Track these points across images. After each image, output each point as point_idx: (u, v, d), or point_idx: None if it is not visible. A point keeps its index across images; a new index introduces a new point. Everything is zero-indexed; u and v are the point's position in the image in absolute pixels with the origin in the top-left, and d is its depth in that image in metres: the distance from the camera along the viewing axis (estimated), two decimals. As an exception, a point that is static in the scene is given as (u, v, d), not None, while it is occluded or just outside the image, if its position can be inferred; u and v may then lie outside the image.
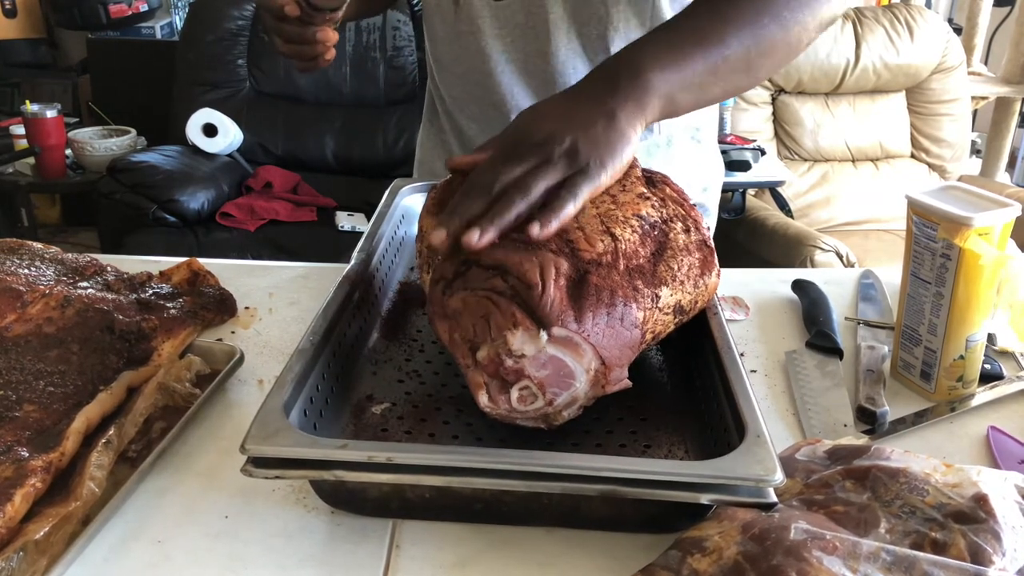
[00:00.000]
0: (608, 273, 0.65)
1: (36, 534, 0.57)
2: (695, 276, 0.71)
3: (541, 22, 0.96)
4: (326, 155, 3.12)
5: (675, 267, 0.69)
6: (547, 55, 0.98)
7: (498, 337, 0.62)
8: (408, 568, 0.60)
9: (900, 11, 2.94)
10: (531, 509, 0.62)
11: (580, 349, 0.63)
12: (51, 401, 0.69)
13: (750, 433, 0.58)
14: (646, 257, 0.68)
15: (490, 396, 0.64)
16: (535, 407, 0.64)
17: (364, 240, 0.87)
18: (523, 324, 0.62)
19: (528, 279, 0.62)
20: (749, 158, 2.59)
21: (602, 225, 0.68)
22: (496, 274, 0.64)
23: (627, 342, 0.65)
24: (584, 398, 0.65)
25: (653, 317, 0.67)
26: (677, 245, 0.71)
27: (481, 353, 0.63)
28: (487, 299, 0.63)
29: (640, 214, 0.71)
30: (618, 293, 0.64)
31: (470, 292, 0.64)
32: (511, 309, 0.62)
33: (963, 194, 0.79)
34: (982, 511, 0.55)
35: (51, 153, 3.01)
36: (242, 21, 3.16)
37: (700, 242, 0.73)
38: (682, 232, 0.72)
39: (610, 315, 0.64)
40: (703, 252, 0.73)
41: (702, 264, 0.72)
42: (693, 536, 0.56)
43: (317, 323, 0.70)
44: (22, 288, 0.82)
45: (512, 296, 0.63)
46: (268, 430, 0.57)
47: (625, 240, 0.68)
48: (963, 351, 0.79)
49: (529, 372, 0.62)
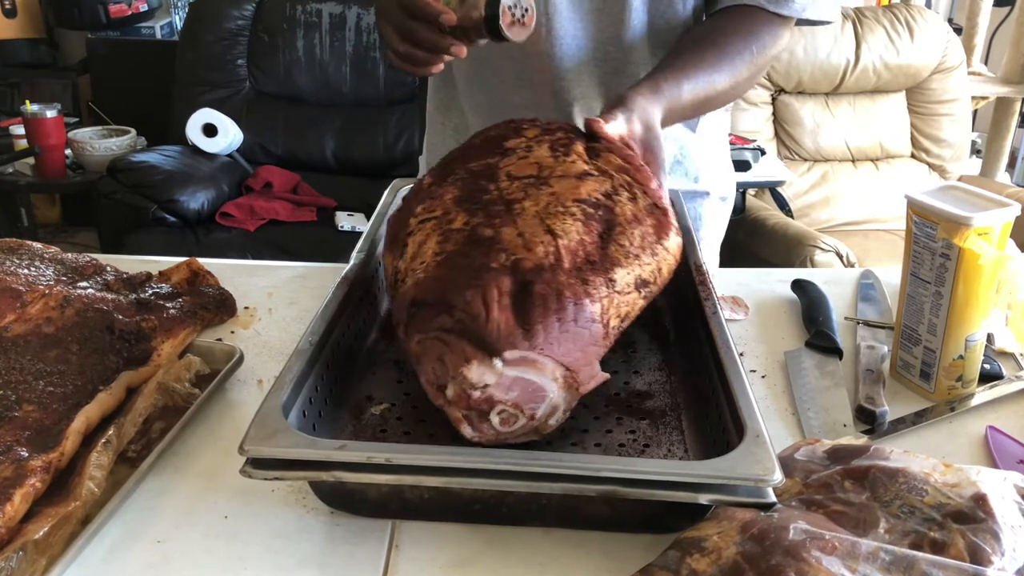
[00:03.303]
0: (552, 276, 0.64)
1: (35, 534, 0.57)
2: (651, 244, 0.70)
3: (618, 7, 0.97)
4: (326, 155, 3.12)
5: (626, 243, 0.68)
6: (619, 41, 0.98)
7: (456, 375, 0.62)
8: (407, 568, 0.60)
9: (900, 11, 2.94)
10: (530, 510, 0.62)
11: (538, 364, 0.62)
12: (50, 401, 0.69)
13: (749, 433, 0.58)
14: (593, 243, 0.67)
15: (473, 427, 0.64)
16: (519, 425, 0.64)
17: (363, 240, 0.87)
18: (475, 357, 0.61)
19: (471, 310, 0.62)
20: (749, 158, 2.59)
21: (542, 224, 0.67)
22: (442, 310, 0.63)
23: (588, 340, 0.64)
24: (564, 403, 0.64)
25: (613, 303, 0.66)
26: (625, 218, 0.70)
27: (449, 392, 0.63)
28: (438, 339, 0.63)
29: (581, 198, 0.69)
30: (566, 294, 0.63)
31: (423, 335, 0.65)
32: (460, 345, 0.62)
33: (963, 194, 0.79)
34: (981, 511, 0.55)
35: (51, 153, 3.00)
36: (242, 21, 3.16)
37: (650, 207, 0.71)
38: (629, 202, 0.71)
39: (561, 320, 0.63)
40: (655, 216, 0.71)
41: (656, 229, 0.71)
42: (692, 536, 0.56)
43: (316, 324, 0.70)
44: (22, 288, 0.82)
45: (460, 331, 0.62)
46: (267, 431, 0.57)
47: (567, 235, 0.66)
48: (962, 351, 0.79)
49: (499, 397, 0.62)
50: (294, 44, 3.14)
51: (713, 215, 1.16)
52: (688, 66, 0.88)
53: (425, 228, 0.72)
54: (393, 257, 0.73)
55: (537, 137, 0.79)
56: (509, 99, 1.04)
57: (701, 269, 0.80)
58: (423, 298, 0.65)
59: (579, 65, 1.00)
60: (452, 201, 0.73)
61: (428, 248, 0.69)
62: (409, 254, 0.71)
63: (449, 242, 0.69)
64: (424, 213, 0.74)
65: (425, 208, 0.74)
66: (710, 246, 1.18)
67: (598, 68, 1.00)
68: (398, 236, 0.74)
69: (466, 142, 0.84)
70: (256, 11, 3.17)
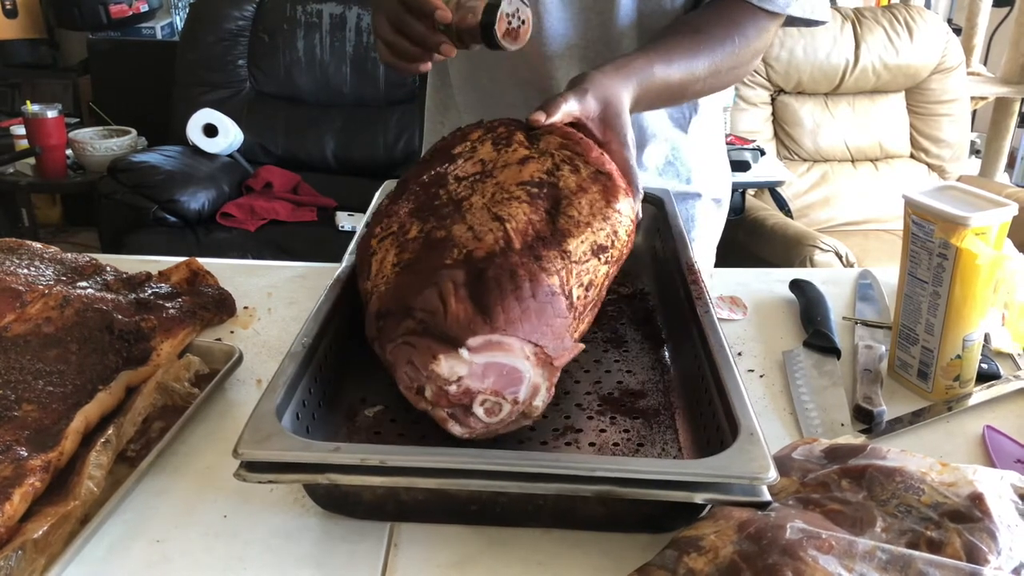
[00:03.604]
0: (504, 260, 0.65)
1: (35, 533, 0.57)
2: (600, 209, 0.70)
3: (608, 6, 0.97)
4: (326, 155, 3.13)
5: (575, 213, 0.69)
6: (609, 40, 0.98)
7: (429, 373, 0.63)
8: (406, 568, 0.60)
9: (900, 11, 2.94)
10: (526, 510, 0.62)
11: (504, 344, 0.62)
12: (50, 401, 0.70)
13: (743, 431, 0.58)
14: (541, 220, 0.68)
15: (460, 423, 0.64)
16: (505, 412, 0.64)
17: (355, 242, 0.87)
18: (441, 351, 0.62)
19: (429, 306, 0.63)
20: (749, 158, 2.59)
21: (490, 214, 0.69)
22: (405, 315, 0.65)
23: (551, 313, 0.65)
24: (544, 381, 0.65)
25: (572, 273, 0.67)
26: (570, 190, 0.70)
27: (427, 392, 0.64)
28: (405, 344, 0.64)
29: (524, 181, 0.71)
30: (520, 273, 0.64)
31: (392, 343, 0.65)
32: (426, 343, 0.63)
33: (960, 194, 0.80)
34: (978, 510, 0.55)
35: (52, 153, 3.01)
36: (242, 21, 3.16)
37: (593, 174, 0.72)
38: (571, 174, 0.72)
39: (519, 298, 0.63)
40: (600, 181, 0.72)
41: (604, 193, 0.71)
42: (689, 535, 0.56)
43: (309, 326, 0.71)
44: (21, 288, 0.82)
45: (424, 331, 0.63)
46: (261, 434, 0.58)
47: (514, 218, 0.68)
48: (960, 351, 0.79)
49: (476, 387, 0.63)
50: (294, 44, 3.14)
51: (706, 217, 1.17)
52: (663, 48, 0.88)
53: (384, 245, 0.73)
54: (362, 280, 0.75)
55: (480, 137, 0.80)
56: (502, 98, 1.05)
57: (693, 268, 0.81)
58: (386, 308, 0.67)
59: (569, 63, 1.00)
60: (406, 214, 0.75)
61: (387, 262, 0.71)
62: (373, 272, 0.72)
63: (406, 251, 0.70)
64: (382, 232, 0.75)
65: (382, 227, 0.76)
66: (704, 247, 1.18)
67: (589, 66, 1.00)
68: (363, 259, 0.76)
69: (420, 158, 0.86)
70: (256, 11, 3.18)
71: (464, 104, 1.10)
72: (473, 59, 1.06)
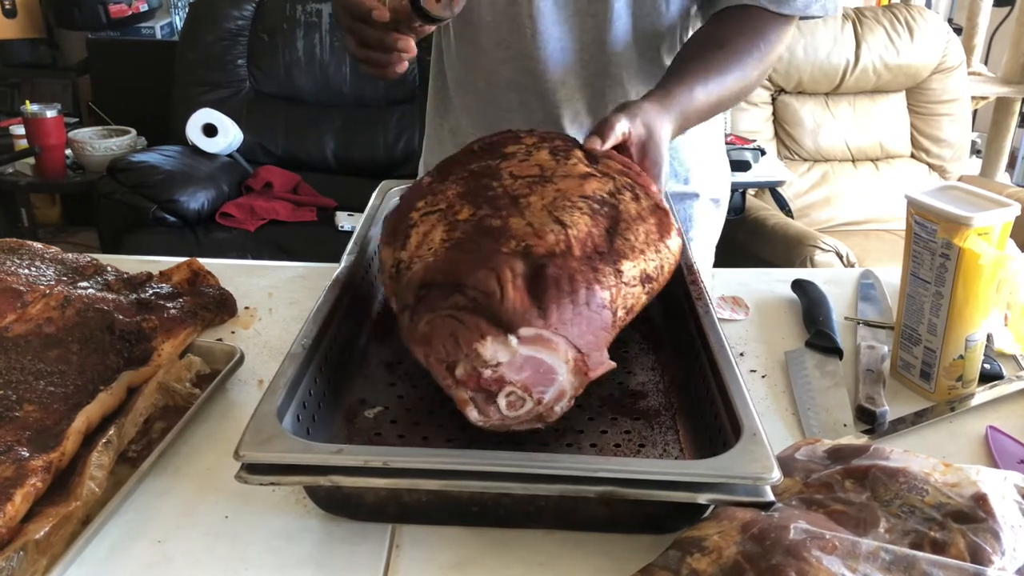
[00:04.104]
0: (564, 262, 0.65)
1: (36, 534, 0.57)
2: (654, 241, 0.71)
3: (602, 9, 0.97)
4: (326, 155, 3.12)
5: (632, 238, 0.69)
6: (604, 44, 0.99)
7: (469, 351, 0.62)
8: (408, 569, 0.60)
9: (900, 11, 2.94)
10: (528, 511, 0.62)
11: (552, 343, 0.62)
12: (51, 401, 0.69)
13: (746, 432, 0.58)
14: (600, 235, 0.68)
15: (479, 410, 0.64)
16: (526, 409, 0.64)
17: (353, 243, 0.87)
18: (490, 333, 0.62)
19: (485, 287, 0.62)
20: (749, 158, 2.59)
21: (550, 216, 0.68)
22: (454, 290, 0.64)
23: (599, 324, 0.65)
24: (571, 389, 0.65)
25: (621, 293, 0.67)
26: (630, 215, 0.71)
27: (459, 370, 0.63)
28: (451, 317, 0.64)
29: (586, 195, 0.71)
30: (577, 278, 0.64)
31: (434, 314, 0.65)
32: (475, 321, 0.62)
33: (963, 194, 0.79)
34: (981, 511, 0.55)
35: (51, 153, 3.01)
36: (242, 21, 3.16)
37: (652, 207, 0.73)
38: (632, 201, 0.72)
39: (574, 302, 0.63)
40: (657, 216, 0.73)
41: (659, 228, 0.72)
42: (692, 536, 0.56)
43: (308, 327, 0.70)
44: (22, 288, 0.82)
45: (474, 309, 0.63)
46: (262, 436, 0.57)
47: (575, 224, 0.68)
48: (962, 351, 0.79)
49: (510, 377, 0.62)
50: (294, 44, 3.14)
51: (705, 217, 1.17)
52: (698, 71, 0.89)
53: (430, 220, 0.72)
54: (393, 249, 0.74)
55: (536, 144, 0.80)
56: (498, 102, 1.05)
57: (692, 269, 0.81)
58: (434, 279, 0.65)
59: (564, 67, 1.00)
60: (455, 196, 0.74)
61: (435, 236, 0.70)
62: (413, 244, 0.71)
63: (457, 231, 0.69)
64: (427, 207, 0.74)
65: (427, 203, 0.75)
66: (703, 248, 1.18)
67: (584, 70, 1.01)
68: (398, 229, 0.74)
69: (465, 147, 0.85)
70: (256, 11, 3.17)
71: (462, 105, 1.10)
72: (468, 62, 1.06)
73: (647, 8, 0.98)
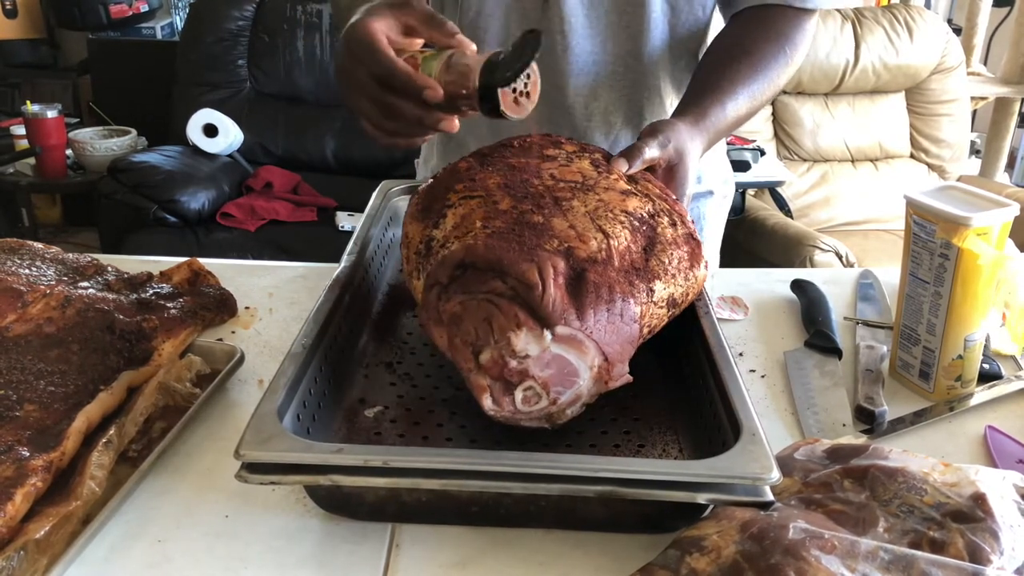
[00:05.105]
0: (604, 270, 0.65)
1: (37, 533, 0.57)
2: (685, 269, 0.72)
3: (637, 21, 0.96)
4: (326, 155, 3.13)
5: (666, 261, 0.70)
6: (640, 55, 0.97)
7: (501, 339, 0.62)
8: (408, 568, 0.60)
9: (900, 11, 2.94)
10: (528, 511, 0.62)
11: (584, 346, 0.63)
12: (52, 401, 0.70)
13: (745, 432, 0.58)
14: (638, 252, 0.69)
15: (494, 399, 0.64)
16: (539, 407, 0.64)
17: (353, 243, 0.87)
18: (527, 324, 0.62)
19: (528, 279, 0.62)
20: (749, 158, 2.59)
21: (593, 223, 0.69)
22: (494, 276, 0.64)
23: (627, 337, 0.66)
24: (587, 395, 0.65)
25: (649, 311, 0.68)
26: (666, 239, 0.72)
27: (484, 356, 0.63)
28: (488, 301, 0.64)
29: (628, 210, 0.71)
30: (616, 289, 0.65)
31: (469, 296, 0.65)
32: (513, 310, 0.62)
33: (962, 194, 0.80)
34: (980, 510, 0.55)
35: (52, 153, 3.01)
36: (242, 21, 3.16)
37: (687, 235, 0.74)
38: (669, 226, 0.73)
39: (610, 311, 0.64)
40: (690, 245, 0.74)
41: (691, 257, 0.73)
42: (692, 535, 0.56)
43: (308, 327, 0.70)
44: (23, 288, 0.82)
45: (512, 297, 0.63)
46: (262, 436, 0.57)
47: (616, 236, 0.68)
48: (961, 351, 0.79)
49: (533, 372, 0.63)
50: (294, 44, 3.14)
51: (715, 214, 1.17)
52: (727, 83, 0.89)
53: (468, 203, 0.72)
54: (425, 226, 0.74)
55: (576, 152, 0.81)
56: None
57: None
58: (475, 261, 0.66)
59: (596, 81, 0.99)
60: (495, 186, 0.74)
61: (474, 219, 0.70)
62: (449, 224, 0.71)
63: (497, 219, 0.69)
64: (465, 191, 0.74)
65: (466, 187, 0.75)
66: (711, 245, 1.19)
67: (617, 82, 1.00)
68: (432, 207, 0.75)
69: (499, 141, 0.83)
70: (256, 11, 3.18)
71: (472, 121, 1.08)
72: None
73: (684, 15, 0.97)
